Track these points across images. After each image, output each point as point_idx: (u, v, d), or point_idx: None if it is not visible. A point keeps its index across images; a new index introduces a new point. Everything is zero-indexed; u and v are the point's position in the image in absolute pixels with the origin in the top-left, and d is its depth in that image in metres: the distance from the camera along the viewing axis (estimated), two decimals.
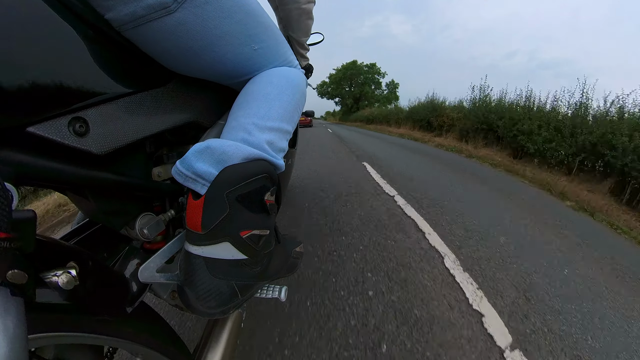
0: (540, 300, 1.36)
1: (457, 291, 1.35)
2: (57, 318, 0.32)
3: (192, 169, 0.41)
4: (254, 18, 0.51)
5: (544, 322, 1.22)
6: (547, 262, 1.75)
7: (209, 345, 0.53)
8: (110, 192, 0.43)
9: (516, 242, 1.95)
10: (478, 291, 1.36)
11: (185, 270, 0.44)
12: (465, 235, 1.95)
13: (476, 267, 1.57)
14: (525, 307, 1.30)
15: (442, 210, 2.37)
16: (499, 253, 1.77)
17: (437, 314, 1.19)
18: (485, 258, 1.68)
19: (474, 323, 1.16)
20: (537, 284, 1.49)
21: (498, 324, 1.17)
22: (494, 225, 2.17)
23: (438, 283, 1.40)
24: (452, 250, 1.73)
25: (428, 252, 1.69)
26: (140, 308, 0.46)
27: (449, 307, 1.24)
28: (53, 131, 0.33)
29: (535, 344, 1.10)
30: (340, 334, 1.06)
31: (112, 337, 0.37)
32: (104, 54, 0.38)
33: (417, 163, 4.68)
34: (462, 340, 1.07)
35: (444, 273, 1.49)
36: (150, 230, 0.48)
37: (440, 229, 2.01)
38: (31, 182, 0.35)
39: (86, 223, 0.55)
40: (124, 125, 0.40)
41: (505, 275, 1.53)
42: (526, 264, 1.68)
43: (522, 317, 1.23)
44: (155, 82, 0.46)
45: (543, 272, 1.62)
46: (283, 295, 0.59)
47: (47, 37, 0.32)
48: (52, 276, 0.31)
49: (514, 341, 1.09)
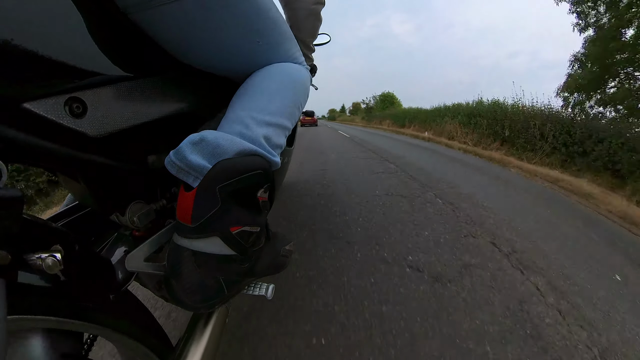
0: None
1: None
2: (37, 301, 0.31)
3: (185, 160, 0.40)
4: (261, 12, 0.50)
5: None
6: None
7: (192, 339, 0.52)
8: (102, 176, 0.43)
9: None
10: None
11: (172, 262, 0.43)
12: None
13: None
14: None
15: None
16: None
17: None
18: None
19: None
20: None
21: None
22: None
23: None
24: None
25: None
26: (124, 296, 0.45)
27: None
28: (49, 109, 0.32)
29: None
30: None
31: (94, 324, 0.37)
32: (108, 35, 0.38)
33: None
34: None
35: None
36: (140, 218, 0.47)
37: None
38: (22, 160, 0.34)
39: (75, 206, 0.54)
40: (121, 109, 0.40)
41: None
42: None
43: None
44: (156, 69, 0.46)
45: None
46: (270, 293, 0.59)
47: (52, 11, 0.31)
48: (37, 259, 0.30)
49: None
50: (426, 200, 2.42)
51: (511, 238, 1.80)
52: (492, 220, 2.06)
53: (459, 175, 3.65)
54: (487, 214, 2.18)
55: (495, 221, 2.05)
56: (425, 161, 4.54)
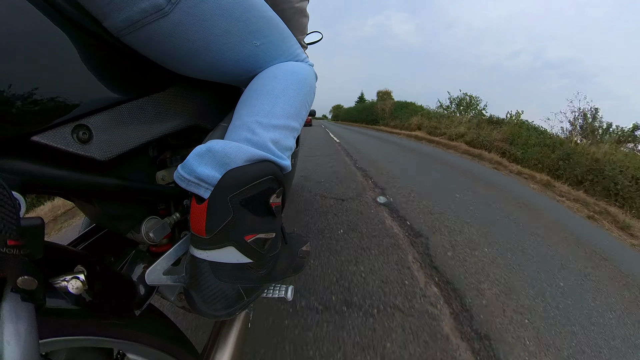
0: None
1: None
2: (67, 322, 0.32)
3: (194, 173, 0.40)
4: (255, 13, 0.49)
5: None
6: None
7: (217, 345, 0.54)
8: (115, 197, 0.44)
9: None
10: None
11: (191, 274, 0.44)
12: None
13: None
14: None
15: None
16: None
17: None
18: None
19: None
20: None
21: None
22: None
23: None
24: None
25: None
26: (148, 310, 0.47)
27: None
28: (57, 139, 0.33)
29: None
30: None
31: (121, 339, 0.38)
32: (105, 61, 0.39)
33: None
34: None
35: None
36: (155, 233, 0.48)
37: None
38: (37, 190, 0.36)
39: (93, 228, 0.55)
40: (126, 130, 0.41)
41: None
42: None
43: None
44: (156, 86, 0.47)
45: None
46: (290, 295, 0.59)
47: (49, 47, 0.32)
48: (62, 281, 0.31)
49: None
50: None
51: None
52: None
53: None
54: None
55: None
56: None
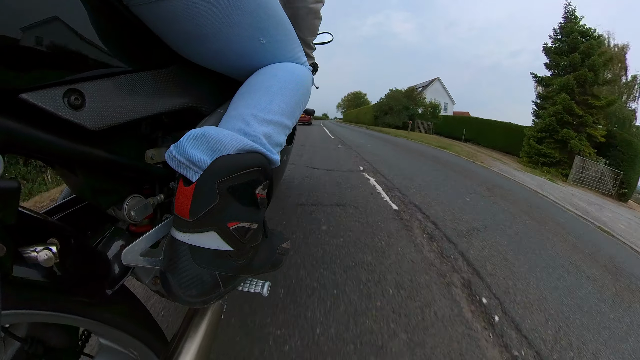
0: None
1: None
2: (32, 295, 0.31)
3: (185, 155, 0.40)
4: (266, 11, 0.50)
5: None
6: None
7: (187, 334, 0.52)
8: (100, 169, 0.42)
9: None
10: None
11: (169, 257, 0.43)
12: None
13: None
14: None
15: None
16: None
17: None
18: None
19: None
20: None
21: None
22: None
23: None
24: None
25: None
26: (121, 291, 0.45)
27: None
28: (47, 101, 0.31)
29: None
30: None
31: (89, 319, 0.36)
32: (109, 27, 0.37)
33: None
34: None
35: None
36: (137, 212, 0.47)
37: None
38: (19, 151, 0.34)
39: (72, 199, 0.53)
40: (121, 103, 0.39)
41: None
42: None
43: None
44: (157, 62, 0.45)
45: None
46: (265, 291, 0.59)
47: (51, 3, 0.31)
48: (32, 252, 0.30)
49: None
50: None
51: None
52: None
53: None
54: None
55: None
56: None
